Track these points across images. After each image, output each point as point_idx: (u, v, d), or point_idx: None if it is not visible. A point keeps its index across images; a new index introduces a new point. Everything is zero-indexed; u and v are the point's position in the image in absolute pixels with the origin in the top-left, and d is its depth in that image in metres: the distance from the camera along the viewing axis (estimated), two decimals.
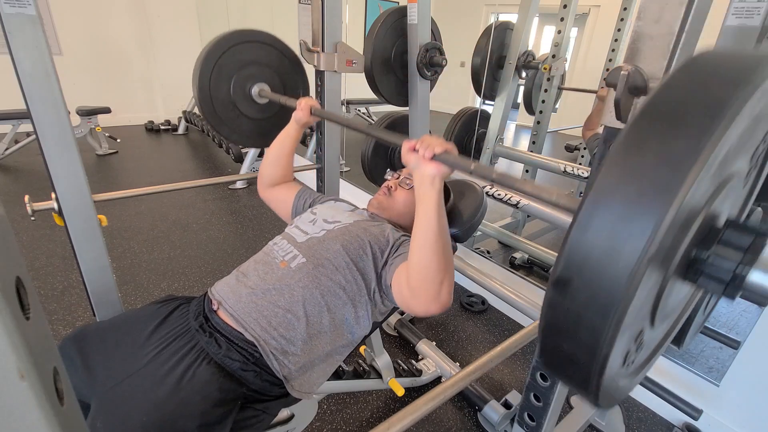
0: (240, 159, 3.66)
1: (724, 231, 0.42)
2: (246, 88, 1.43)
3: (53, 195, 1.01)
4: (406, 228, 1.13)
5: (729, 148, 0.36)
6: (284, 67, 1.49)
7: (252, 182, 3.61)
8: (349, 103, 4.73)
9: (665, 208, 0.32)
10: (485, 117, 2.52)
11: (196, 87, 1.35)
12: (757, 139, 0.44)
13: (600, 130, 2.29)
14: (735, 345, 1.34)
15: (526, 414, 1.13)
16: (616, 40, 2.80)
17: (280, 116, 1.48)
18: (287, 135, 1.22)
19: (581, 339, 0.38)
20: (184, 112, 5.22)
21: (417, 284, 0.79)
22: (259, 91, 1.43)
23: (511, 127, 6.04)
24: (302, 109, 1.18)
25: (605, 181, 0.36)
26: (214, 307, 0.90)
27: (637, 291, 0.34)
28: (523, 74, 2.46)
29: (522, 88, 2.86)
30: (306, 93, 1.57)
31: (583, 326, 0.37)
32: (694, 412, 1.24)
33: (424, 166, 0.76)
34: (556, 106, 2.94)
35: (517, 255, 2.54)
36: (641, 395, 1.62)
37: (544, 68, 2.49)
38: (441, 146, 0.75)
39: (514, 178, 0.66)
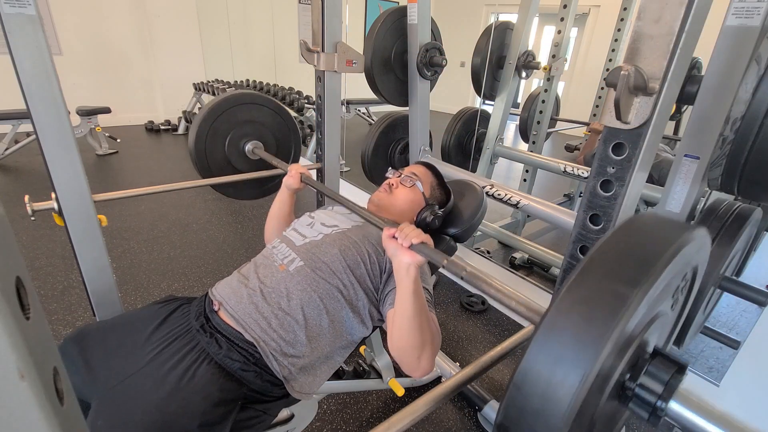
0: None
1: (649, 362, 0.48)
2: (240, 145, 1.49)
3: (53, 195, 1.01)
4: None
5: (647, 307, 0.42)
6: (278, 126, 1.56)
7: None
8: (349, 103, 4.73)
9: (605, 339, 0.38)
10: (485, 117, 2.52)
11: (192, 147, 1.41)
12: (675, 286, 0.51)
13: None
14: (735, 345, 1.34)
15: None
16: (616, 40, 2.80)
17: (272, 173, 1.54)
18: (282, 201, 1.24)
19: None
20: (184, 112, 5.22)
21: (397, 353, 0.84)
22: (253, 148, 1.49)
23: (511, 127, 6.04)
24: (292, 176, 1.20)
25: (554, 318, 0.42)
26: (215, 308, 0.90)
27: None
28: (523, 75, 2.46)
29: (521, 89, 2.86)
30: (298, 150, 1.65)
31: None
32: None
33: (401, 254, 0.80)
34: (549, 131, 2.99)
35: (517, 255, 2.54)
36: None
37: (544, 68, 2.49)
38: (418, 237, 0.79)
39: (483, 278, 0.71)
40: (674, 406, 0.47)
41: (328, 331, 0.90)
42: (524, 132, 2.89)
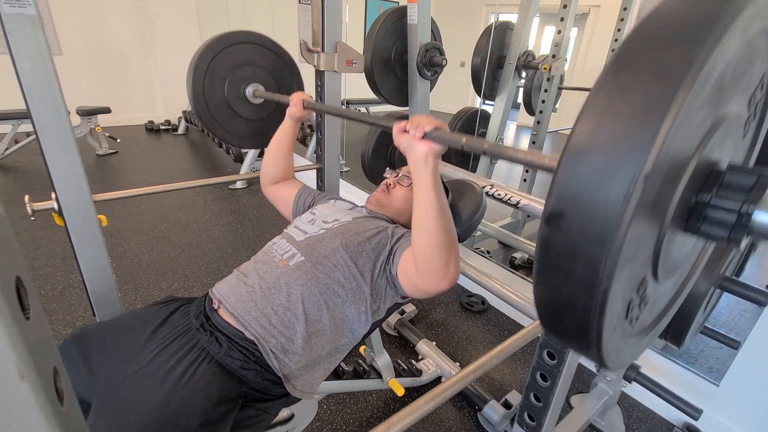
0: (240, 159, 3.66)
1: (725, 174, 0.39)
2: (240, 88, 1.43)
3: (53, 195, 1.01)
4: (404, 225, 1.13)
5: (722, 71, 0.34)
6: (279, 69, 1.50)
7: (252, 182, 3.61)
8: (349, 103, 4.73)
9: (656, 127, 0.31)
10: (485, 117, 2.52)
11: (190, 88, 1.35)
12: (753, 78, 0.42)
13: None
14: (735, 345, 1.34)
15: (526, 414, 1.13)
16: (616, 40, 2.80)
17: (276, 116, 1.49)
18: (284, 132, 1.24)
19: (578, 275, 0.35)
20: (184, 112, 5.22)
21: (424, 265, 0.81)
22: (254, 91, 1.44)
23: (511, 127, 6.05)
24: (295, 103, 1.19)
25: (593, 106, 0.34)
26: (215, 306, 0.90)
27: (632, 218, 0.32)
28: (523, 74, 2.46)
29: (522, 89, 2.86)
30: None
31: (579, 259, 0.35)
32: (694, 412, 1.24)
33: (416, 145, 0.77)
34: (556, 106, 2.93)
35: (517, 255, 2.54)
36: (641, 395, 1.62)
37: (544, 68, 2.49)
38: (431, 124, 0.75)
39: (504, 147, 0.65)
40: (761, 216, 0.37)
41: (329, 327, 0.90)
42: (528, 104, 2.81)
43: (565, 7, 2.39)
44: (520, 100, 2.96)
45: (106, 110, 4.14)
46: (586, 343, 0.38)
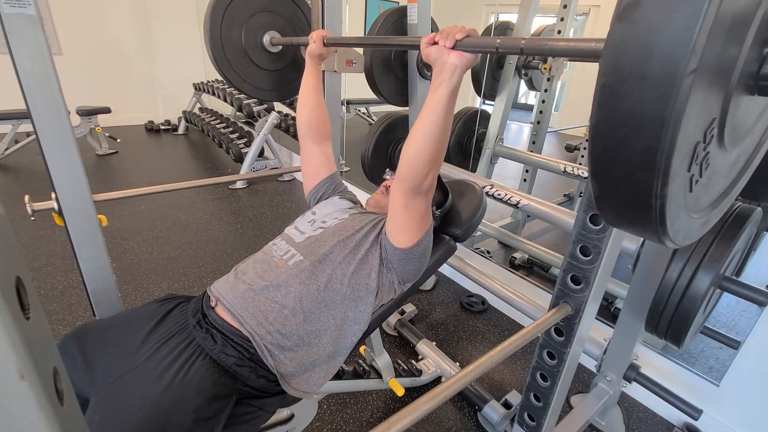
0: (240, 159, 3.65)
1: None
2: (258, 36, 1.41)
3: (53, 195, 1.01)
4: None
5: None
6: (296, 17, 1.47)
7: (252, 182, 3.61)
8: (349, 103, 4.73)
9: None
10: (485, 117, 2.52)
11: (207, 33, 1.33)
12: None
13: None
14: (735, 345, 1.34)
15: (526, 414, 1.13)
16: None
17: (293, 68, 1.47)
18: (308, 74, 1.20)
19: (639, 137, 0.32)
20: (184, 112, 5.22)
21: (405, 171, 0.83)
22: (271, 38, 1.41)
23: (511, 127, 6.04)
24: (315, 40, 1.14)
25: None
26: (212, 304, 0.91)
27: (693, 76, 0.29)
28: (524, 73, 2.46)
29: (521, 89, 2.84)
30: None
31: (640, 120, 0.32)
32: (694, 412, 1.24)
33: (446, 55, 0.74)
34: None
35: (517, 255, 2.54)
36: (641, 395, 1.62)
37: (544, 68, 2.49)
38: (462, 32, 0.73)
39: (542, 40, 0.62)
40: None
41: (329, 329, 0.91)
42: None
43: (565, 7, 2.39)
44: (520, 100, 2.95)
45: (106, 110, 4.14)
46: (648, 209, 0.36)
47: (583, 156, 2.87)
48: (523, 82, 2.59)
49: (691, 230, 0.43)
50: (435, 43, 0.76)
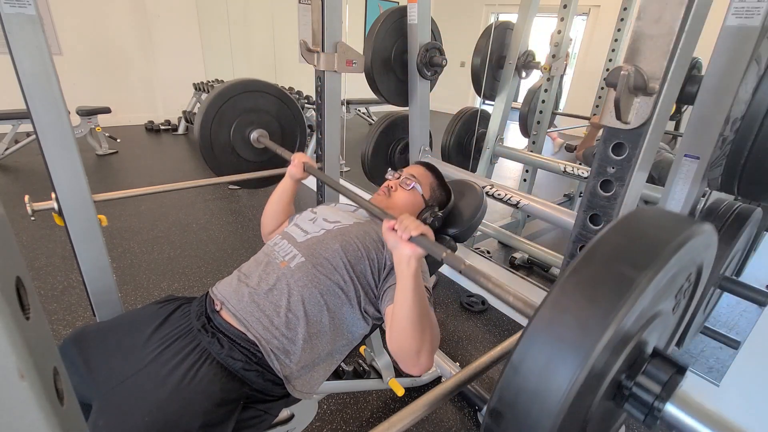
0: None
1: (648, 362, 0.47)
2: (245, 133, 1.50)
3: (53, 195, 1.01)
4: None
5: (656, 292, 0.41)
6: (284, 114, 1.57)
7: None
8: (349, 103, 4.73)
9: (593, 343, 0.37)
10: (485, 117, 2.52)
11: (198, 131, 1.42)
12: (678, 283, 0.49)
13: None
14: (735, 345, 1.34)
15: None
16: (616, 40, 2.80)
17: (276, 161, 1.55)
18: (283, 190, 1.22)
19: None
20: (184, 112, 5.22)
21: (397, 350, 0.83)
22: (258, 137, 1.50)
23: (511, 127, 6.04)
24: (295, 165, 1.19)
25: (541, 318, 0.41)
26: (217, 308, 0.90)
27: (567, 410, 0.37)
28: (523, 75, 2.46)
29: (521, 89, 2.85)
30: (303, 139, 1.66)
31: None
32: None
33: (401, 246, 0.79)
34: (555, 124, 2.96)
35: (517, 255, 2.54)
36: None
37: (544, 68, 2.49)
38: (417, 229, 0.78)
39: (480, 273, 0.71)
40: (671, 408, 0.46)
41: (329, 328, 0.90)
42: (524, 127, 2.88)
43: (565, 7, 2.39)
44: (520, 99, 2.96)
45: (106, 110, 4.14)
46: None
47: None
48: (523, 82, 2.59)
49: None
50: (395, 229, 0.80)
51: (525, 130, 2.89)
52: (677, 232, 0.42)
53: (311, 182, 1.58)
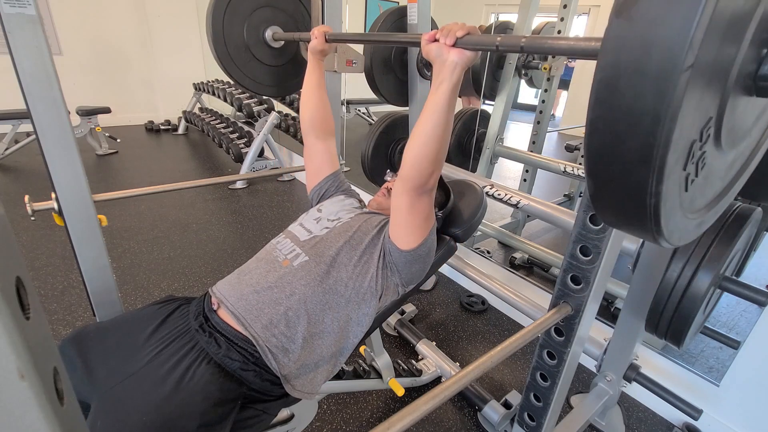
0: (240, 159, 3.65)
1: None
2: (260, 31, 1.41)
3: (53, 195, 1.01)
4: None
5: None
6: (299, 12, 1.47)
7: (252, 182, 3.61)
8: (349, 103, 4.73)
9: None
10: (485, 117, 2.52)
11: (209, 28, 1.32)
12: None
13: None
14: (735, 345, 1.34)
15: (526, 414, 1.13)
16: None
17: (294, 64, 1.47)
18: (310, 71, 1.20)
19: (635, 128, 0.32)
20: (184, 112, 5.22)
21: (409, 171, 0.83)
22: (273, 34, 1.41)
23: (511, 127, 6.04)
24: (317, 36, 1.14)
25: None
26: (214, 307, 0.90)
27: (690, 73, 0.29)
28: (524, 73, 2.46)
29: (521, 89, 2.84)
30: None
31: (636, 115, 0.32)
32: (694, 412, 1.24)
33: (446, 53, 0.74)
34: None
35: (517, 255, 2.54)
36: (641, 395, 1.62)
37: (544, 68, 2.49)
38: (463, 29, 0.73)
39: (542, 38, 0.62)
40: None
41: (331, 329, 0.90)
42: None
43: (565, 7, 2.39)
44: (520, 100, 2.95)
45: (106, 110, 4.14)
46: (643, 211, 0.36)
47: (583, 156, 2.86)
48: (523, 81, 2.59)
49: (686, 231, 0.43)
50: (435, 40, 0.76)
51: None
52: None
53: None
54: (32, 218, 1.00)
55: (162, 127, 5.35)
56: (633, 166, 0.34)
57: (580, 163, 2.62)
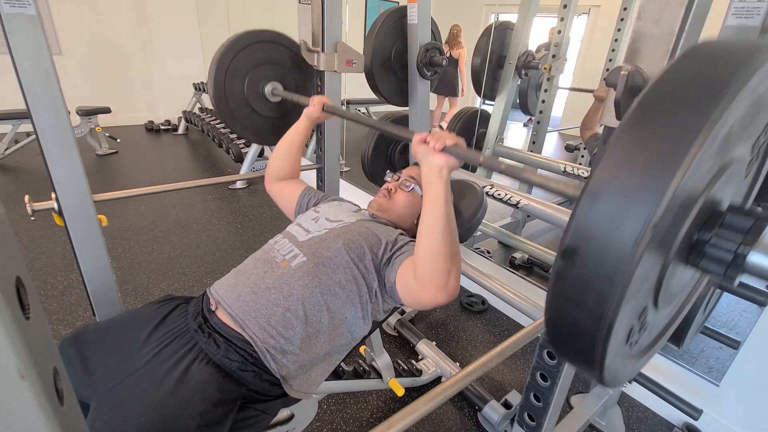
0: (240, 159, 3.65)
1: (726, 215, 0.43)
2: (260, 86, 1.46)
3: (53, 195, 1.01)
4: (407, 230, 1.13)
5: (730, 128, 0.37)
6: (297, 68, 1.52)
7: (252, 182, 3.61)
8: (349, 103, 4.73)
9: (668, 180, 0.34)
10: (485, 117, 2.52)
11: (211, 84, 1.37)
12: (758, 127, 0.45)
13: (599, 130, 2.30)
14: (735, 345, 1.34)
15: (526, 414, 1.13)
16: (616, 40, 2.80)
17: (292, 115, 1.50)
18: (297, 130, 1.24)
19: (587, 306, 0.39)
20: (184, 112, 5.22)
21: (425, 275, 0.81)
22: (272, 89, 1.46)
23: (511, 127, 6.04)
24: (315, 104, 1.20)
25: (612, 156, 0.38)
26: (212, 307, 0.90)
27: (641, 259, 0.35)
28: (523, 74, 2.46)
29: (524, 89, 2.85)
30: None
31: (590, 293, 0.38)
32: (694, 412, 1.24)
33: (433, 156, 0.79)
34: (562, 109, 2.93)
35: (517, 255, 2.54)
36: (641, 395, 1.62)
37: (544, 68, 2.49)
38: (451, 139, 0.78)
39: (520, 169, 0.70)
40: (756, 258, 0.40)
41: (328, 329, 0.90)
42: (525, 106, 2.75)
43: (565, 7, 2.39)
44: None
45: (106, 110, 4.14)
46: (589, 365, 0.42)
47: (583, 156, 2.87)
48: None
49: (624, 374, 0.52)
50: (426, 142, 0.80)
51: (526, 108, 2.78)
52: (747, 57, 0.36)
53: (311, 181, 1.57)
54: (32, 218, 1.00)
55: (162, 127, 5.35)
56: (587, 322, 0.40)
57: (581, 163, 2.62)
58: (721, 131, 0.36)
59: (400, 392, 1.48)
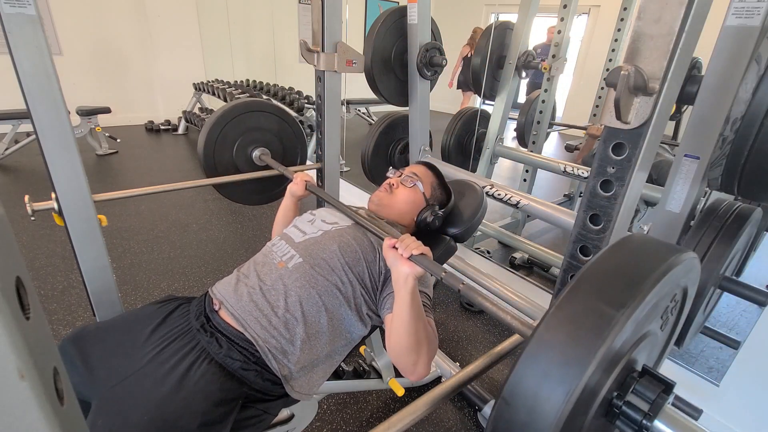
0: None
1: (637, 381, 0.51)
2: (247, 151, 1.52)
3: (53, 195, 1.01)
4: (406, 227, 1.13)
5: (640, 319, 0.45)
6: (285, 132, 1.59)
7: None
8: (349, 103, 4.73)
9: (588, 361, 0.41)
10: (485, 117, 2.52)
11: (201, 151, 1.44)
12: (662, 305, 0.53)
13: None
14: (735, 345, 1.34)
15: None
16: (616, 40, 2.80)
17: (277, 178, 1.56)
18: (286, 208, 1.27)
19: None
20: (184, 112, 5.22)
21: (395, 357, 0.87)
22: (260, 155, 1.52)
23: (511, 127, 6.04)
24: (297, 184, 1.23)
25: (542, 335, 0.45)
26: (216, 307, 0.90)
27: (566, 417, 0.41)
28: (523, 76, 2.46)
29: (521, 89, 2.85)
30: (304, 155, 1.68)
31: None
32: (694, 412, 1.23)
33: (400, 264, 0.82)
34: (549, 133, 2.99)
35: (517, 255, 2.54)
36: None
37: (544, 68, 2.49)
38: (418, 249, 0.81)
39: (479, 293, 0.75)
40: (659, 425, 0.49)
41: (327, 329, 0.90)
42: (521, 137, 2.88)
43: (565, 7, 2.39)
44: (520, 100, 2.96)
45: (106, 110, 4.14)
46: None
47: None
48: (523, 81, 2.59)
49: None
50: (395, 248, 0.83)
51: (522, 141, 2.87)
52: (656, 265, 0.47)
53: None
54: (32, 218, 1.00)
55: (162, 127, 5.35)
56: None
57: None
58: (628, 331, 0.44)
59: (400, 392, 1.48)
